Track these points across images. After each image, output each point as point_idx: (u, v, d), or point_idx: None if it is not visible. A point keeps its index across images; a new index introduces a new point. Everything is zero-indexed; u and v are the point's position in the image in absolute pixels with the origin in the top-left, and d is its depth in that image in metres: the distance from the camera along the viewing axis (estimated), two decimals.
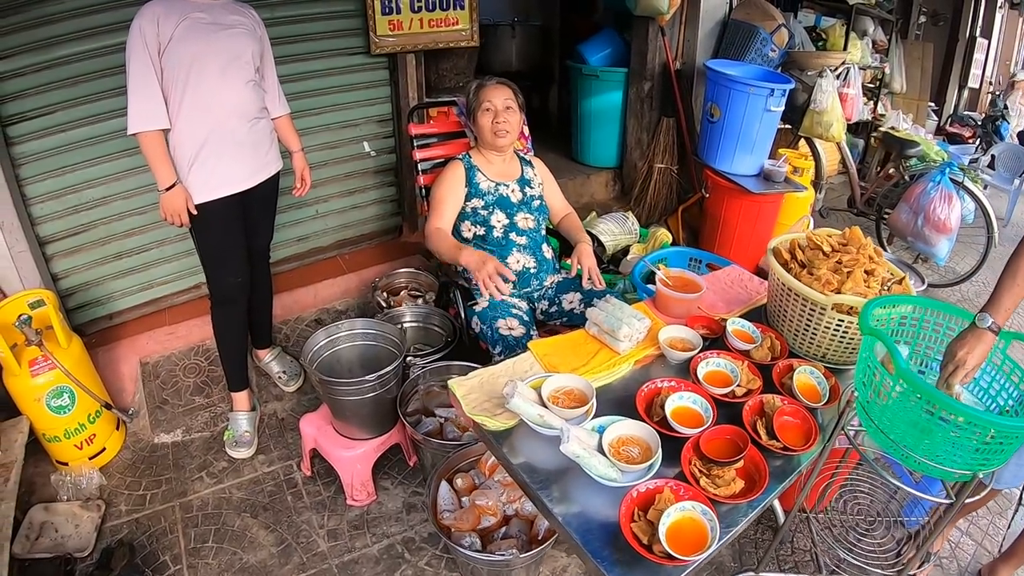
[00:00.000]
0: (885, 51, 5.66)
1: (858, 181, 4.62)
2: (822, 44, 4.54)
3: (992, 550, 2.39)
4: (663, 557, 1.22)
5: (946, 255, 3.87)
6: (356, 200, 3.37)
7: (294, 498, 2.26)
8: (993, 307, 1.53)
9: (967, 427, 1.29)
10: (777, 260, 1.99)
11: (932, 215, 3.73)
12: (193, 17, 1.92)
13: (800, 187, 3.53)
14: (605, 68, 4.20)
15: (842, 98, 4.11)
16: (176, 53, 1.90)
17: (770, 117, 3.40)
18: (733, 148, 3.48)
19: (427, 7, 2.91)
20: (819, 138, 4.07)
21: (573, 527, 1.30)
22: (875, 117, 5.31)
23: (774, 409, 1.62)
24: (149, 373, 2.62)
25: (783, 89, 3.31)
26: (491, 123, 2.33)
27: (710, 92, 3.50)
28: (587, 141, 4.50)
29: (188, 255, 2.85)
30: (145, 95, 1.91)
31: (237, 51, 2.04)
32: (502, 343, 2.17)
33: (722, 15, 3.94)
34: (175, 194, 2.03)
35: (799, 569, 2.15)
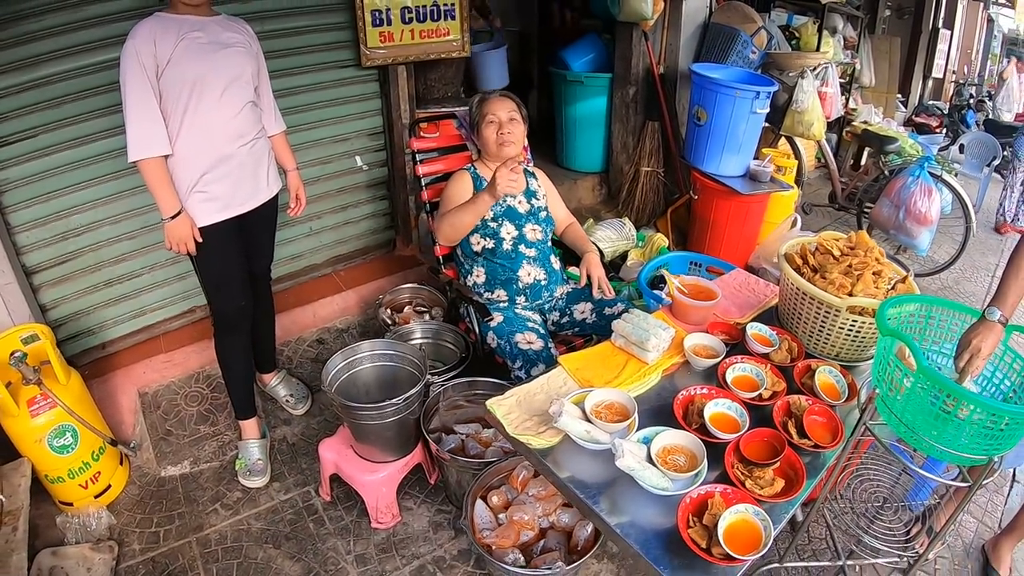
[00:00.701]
0: (855, 47, 5.82)
1: (839, 177, 4.73)
2: (795, 43, 4.65)
3: (992, 526, 2.50)
4: (721, 558, 1.28)
5: (928, 246, 4.00)
6: (349, 215, 3.34)
7: (316, 525, 2.23)
8: (1000, 301, 1.62)
9: (984, 416, 1.35)
10: (790, 265, 2.04)
11: (913, 208, 3.85)
12: (191, 37, 1.87)
13: (786, 186, 3.62)
14: (589, 74, 4.23)
15: (821, 97, 4.22)
16: (176, 75, 1.85)
17: (755, 119, 3.47)
18: (720, 150, 3.54)
19: (418, 18, 2.89)
20: (800, 137, 4.18)
21: (632, 537, 1.34)
22: (847, 112, 5.46)
23: (802, 410, 1.69)
24: (149, 404, 2.55)
25: (768, 91, 3.39)
26: (496, 135, 2.33)
27: (696, 96, 3.56)
28: (573, 146, 4.53)
29: (180, 279, 2.79)
30: (145, 120, 1.85)
31: (236, 71, 2.00)
32: (522, 357, 2.18)
33: (703, 19, 4.00)
34: (181, 222, 1.98)
35: (817, 556, 2.22)
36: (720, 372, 1.80)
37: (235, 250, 2.17)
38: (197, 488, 2.36)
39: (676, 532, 1.34)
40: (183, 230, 1.99)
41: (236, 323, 2.27)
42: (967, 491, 1.58)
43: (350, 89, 3.03)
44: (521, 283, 2.38)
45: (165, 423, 2.53)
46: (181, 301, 2.85)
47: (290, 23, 2.71)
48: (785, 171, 3.84)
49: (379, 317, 2.78)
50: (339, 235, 3.33)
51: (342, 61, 2.93)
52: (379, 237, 3.52)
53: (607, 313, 2.38)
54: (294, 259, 3.19)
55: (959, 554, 2.37)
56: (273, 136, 2.27)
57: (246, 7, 2.44)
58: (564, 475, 1.49)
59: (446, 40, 3.04)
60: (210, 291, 2.22)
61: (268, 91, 2.23)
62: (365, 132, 3.20)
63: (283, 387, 2.69)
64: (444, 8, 2.96)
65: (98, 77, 2.34)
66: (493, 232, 2.34)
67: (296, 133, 2.84)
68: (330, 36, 2.85)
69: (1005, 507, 2.62)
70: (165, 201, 1.94)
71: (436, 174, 2.63)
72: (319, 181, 3.08)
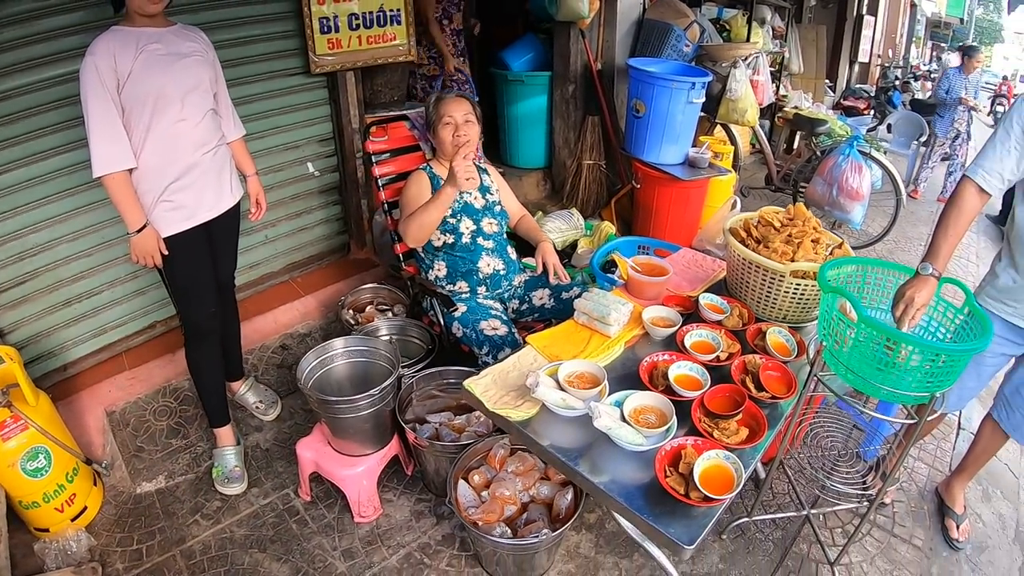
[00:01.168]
0: (783, 36, 6.11)
1: (773, 160, 4.96)
2: (727, 35, 4.87)
3: (943, 470, 2.70)
4: (700, 500, 1.39)
5: (861, 220, 4.25)
6: (303, 222, 3.36)
7: (299, 525, 2.25)
8: (932, 257, 1.81)
9: (923, 356, 1.50)
10: (735, 238, 2.19)
11: (845, 185, 4.09)
12: (149, 49, 1.88)
13: (724, 171, 3.81)
14: (529, 73, 4.34)
15: (753, 85, 4.43)
16: (137, 88, 1.86)
17: (692, 109, 3.65)
18: (659, 140, 3.70)
19: (365, 24, 2.94)
20: (735, 124, 4.38)
21: (615, 492, 1.44)
22: (779, 98, 5.73)
23: (757, 367, 1.83)
24: (117, 422, 2.52)
25: (703, 82, 3.57)
26: (452, 136, 2.41)
27: (634, 89, 3.71)
28: (516, 144, 4.63)
29: (140, 295, 2.77)
30: (109, 135, 1.85)
31: (196, 81, 2.02)
32: (489, 343, 2.26)
33: (637, 15, 4.16)
34: (147, 235, 1.99)
35: (782, 509, 2.37)
36: (679, 339, 1.93)
37: (203, 257, 2.19)
38: (175, 501, 2.35)
39: (655, 483, 1.44)
40: (149, 243, 2.00)
41: (207, 331, 2.27)
42: (914, 428, 1.73)
43: (300, 96, 3.06)
44: (481, 274, 2.46)
45: (136, 440, 2.50)
46: (142, 317, 2.82)
47: (239, 33, 2.73)
48: (722, 157, 4.03)
49: (342, 318, 2.82)
50: (294, 242, 3.35)
51: (291, 69, 2.95)
52: (333, 242, 3.55)
53: (564, 297, 2.50)
54: (252, 268, 3.19)
55: (914, 497, 2.56)
56: (232, 142, 2.29)
57: (195, 18, 2.44)
58: (545, 443, 1.57)
59: (393, 45, 3.09)
60: (180, 300, 2.22)
61: (226, 97, 2.25)
62: (316, 139, 3.23)
63: (252, 394, 2.70)
64: (391, 14, 3.01)
65: (51, 92, 2.31)
66: (452, 228, 2.42)
67: (249, 142, 2.82)
68: (279, 44, 2.87)
69: (953, 452, 2.85)
70: (130, 215, 1.95)
71: (392, 174, 2.69)
72: (273, 189, 3.09)
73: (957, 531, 2.40)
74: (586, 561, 2.14)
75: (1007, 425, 2.21)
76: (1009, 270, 1.99)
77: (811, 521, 2.23)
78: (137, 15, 1.89)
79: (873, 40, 9.43)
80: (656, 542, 1.88)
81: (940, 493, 2.54)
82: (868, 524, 2.39)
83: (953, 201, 1.88)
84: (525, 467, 2.04)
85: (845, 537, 2.28)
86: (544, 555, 1.97)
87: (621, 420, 1.55)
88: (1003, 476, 2.85)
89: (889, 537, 2.37)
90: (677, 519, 1.38)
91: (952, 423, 3.01)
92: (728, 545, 2.25)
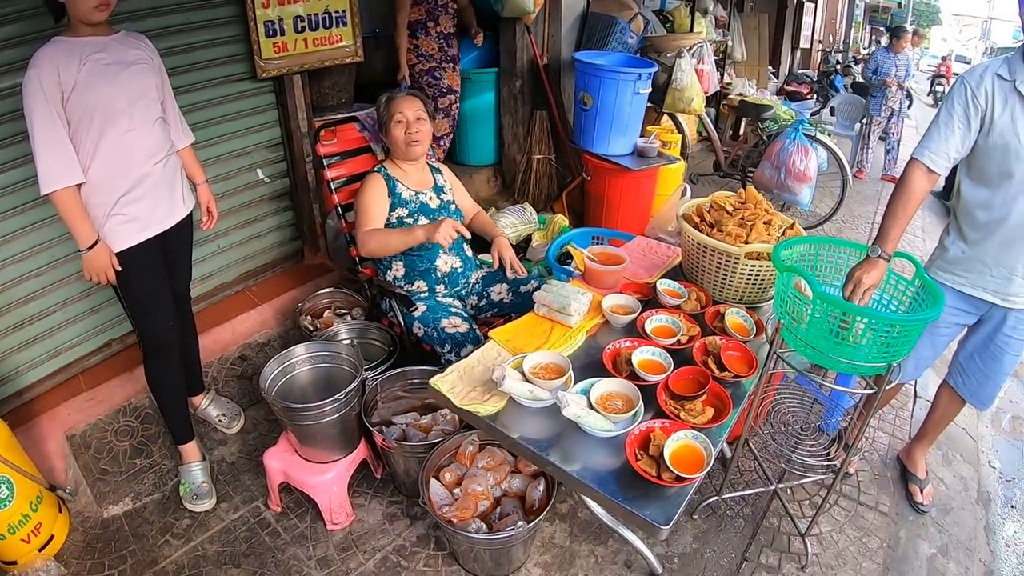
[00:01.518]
0: (726, 25, 6.23)
1: (721, 146, 5.06)
2: (670, 26, 4.94)
3: (903, 437, 2.81)
4: (672, 480, 1.42)
5: (809, 201, 4.38)
6: (256, 230, 3.29)
7: (272, 537, 2.21)
8: (881, 240, 1.89)
9: (878, 327, 1.57)
10: (688, 224, 2.23)
11: (792, 167, 4.20)
12: (94, 59, 1.82)
13: (673, 159, 3.88)
14: (476, 70, 4.32)
15: (698, 74, 4.51)
16: (82, 100, 1.81)
17: (638, 99, 3.70)
18: (608, 132, 3.75)
19: (310, 26, 2.89)
20: (682, 113, 4.46)
21: (588, 479, 1.46)
22: (723, 86, 5.85)
23: (718, 348, 1.87)
24: (78, 445, 2.43)
25: (648, 73, 3.63)
26: (404, 134, 2.39)
27: (580, 82, 3.74)
28: (465, 141, 4.59)
29: (94, 313, 2.68)
30: (55, 151, 1.79)
31: (142, 89, 1.97)
32: (450, 341, 2.26)
33: (581, 9, 4.20)
34: (99, 252, 1.93)
35: (750, 486, 2.43)
36: (639, 325, 1.96)
37: (159, 270, 2.14)
38: (143, 523, 2.28)
39: (627, 468, 1.47)
40: (101, 260, 1.94)
41: (167, 345, 2.22)
42: (874, 398, 1.80)
43: (247, 102, 2.99)
44: (439, 272, 2.46)
45: (99, 463, 2.42)
46: (96, 336, 2.73)
47: (184, 39, 2.65)
48: (670, 145, 4.10)
49: (300, 325, 2.78)
50: (247, 250, 3.28)
51: (237, 74, 2.89)
52: (286, 248, 3.49)
53: (522, 291, 2.51)
54: (205, 279, 3.12)
55: (877, 466, 2.66)
56: (182, 150, 2.24)
57: (140, 26, 2.36)
58: (515, 435, 1.59)
59: (340, 47, 3.05)
60: (137, 315, 2.16)
61: (173, 104, 2.19)
62: (264, 144, 3.16)
63: (214, 408, 2.64)
64: (336, 15, 2.97)
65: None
66: (409, 228, 2.40)
67: (198, 150, 2.73)
68: (224, 50, 2.80)
69: (912, 419, 2.96)
70: (81, 232, 1.89)
71: (343, 177, 2.65)
72: (223, 198, 3.02)
73: (921, 495, 2.50)
74: (562, 551, 2.16)
75: (963, 391, 2.29)
76: (958, 243, 2.06)
77: (779, 495, 2.30)
78: (81, 24, 1.82)
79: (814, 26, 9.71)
80: (631, 525, 1.93)
81: (902, 460, 2.64)
82: (835, 494, 2.47)
83: (902, 183, 1.94)
84: (495, 461, 2.04)
85: (813, 508, 2.36)
86: (520, 548, 1.98)
87: (589, 408, 1.57)
88: (962, 440, 2.97)
89: (856, 505, 2.45)
90: (651, 501, 1.41)
91: (909, 392, 3.13)
92: (700, 524, 2.30)
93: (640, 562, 2.11)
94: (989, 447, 3.05)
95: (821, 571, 2.17)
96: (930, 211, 6.16)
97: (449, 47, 3.89)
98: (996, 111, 1.82)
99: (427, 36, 3.80)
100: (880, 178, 6.59)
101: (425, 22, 3.76)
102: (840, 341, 1.62)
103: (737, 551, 2.22)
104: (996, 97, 1.81)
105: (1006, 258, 1.96)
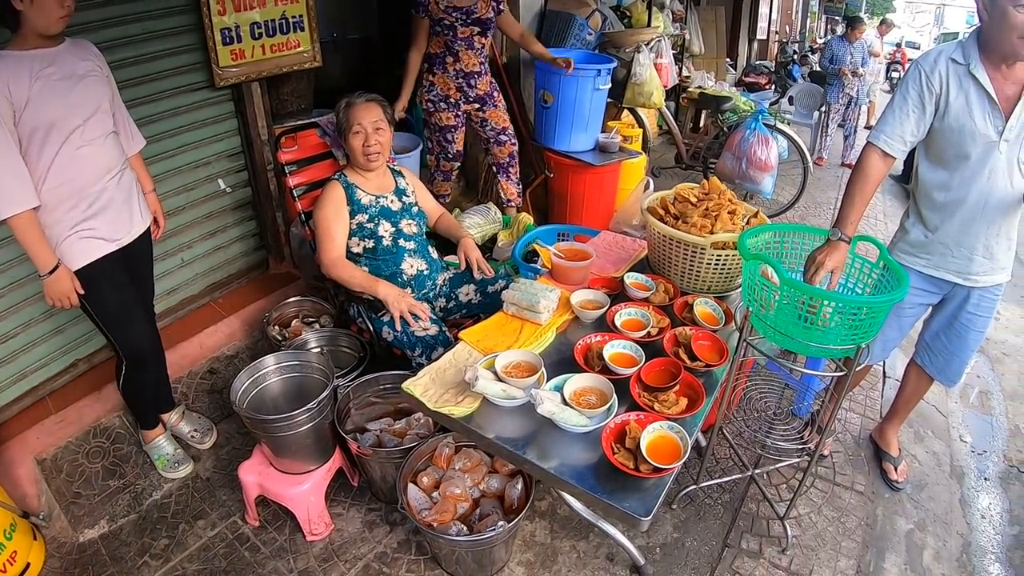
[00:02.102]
0: (683, 19, 6.30)
1: (682, 139, 5.12)
2: (628, 21, 4.98)
3: (875, 417, 2.87)
4: (650, 472, 1.43)
5: (771, 189, 4.45)
6: (219, 241, 3.23)
7: (251, 552, 2.17)
8: (841, 223, 1.94)
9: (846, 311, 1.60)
10: (654, 216, 2.25)
11: (753, 157, 4.27)
12: (44, 75, 1.77)
13: (634, 153, 3.92)
14: None
15: (657, 68, 4.55)
16: (33, 118, 1.76)
17: (599, 95, 3.73)
18: (569, 128, 3.77)
19: (267, 32, 2.84)
20: (642, 107, 4.49)
21: (566, 475, 1.46)
22: (682, 79, 5.90)
23: (688, 338, 1.89)
24: (50, 469, 2.36)
25: (608, 68, 3.65)
26: (362, 146, 2.36)
27: (540, 80, 3.75)
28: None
29: (58, 333, 2.60)
30: (10, 172, 1.74)
31: (95, 103, 1.93)
32: (421, 344, 2.25)
33: (539, 7, 4.20)
34: (59, 276, 1.89)
35: (727, 473, 2.45)
36: (609, 319, 1.97)
37: (126, 282, 2.12)
38: (121, 545, 2.23)
39: (604, 461, 1.48)
40: (63, 284, 1.91)
41: (147, 355, 2.24)
42: (844, 380, 1.83)
43: (206, 111, 2.93)
44: (406, 275, 2.44)
45: (72, 486, 2.36)
46: (62, 356, 2.65)
47: (140, 50, 2.58)
48: (632, 140, 4.14)
49: (269, 335, 2.74)
50: (211, 262, 3.22)
51: (195, 84, 2.82)
52: (251, 259, 3.43)
53: (490, 291, 2.51)
54: (170, 293, 3.05)
55: (851, 447, 2.71)
56: (132, 156, 2.20)
57: (94, 37, 2.28)
58: (491, 435, 1.58)
59: (297, 52, 3.01)
60: (114, 330, 2.13)
61: (121, 106, 2.16)
62: (225, 154, 3.11)
63: (186, 424, 2.60)
64: (293, 20, 2.92)
65: None
66: (371, 232, 2.38)
67: (157, 163, 2.72)
68: (181, 59, 2.74)
69: (882, 400, 3.03)
70: (40, 257, 1.85)
71: (306, 184, 2.62)
72: (185, 210, 2.96)
73: (895, 473, 2.56)
74: (544, 548, 2.16)
75: (931, 369, 2.35)
76: (919, 225, 2.12)
77: (756, 480, 2.33)
78: (32, 36, 1.78)
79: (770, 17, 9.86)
80: (611, 519, 1.94)
81: (875, 439, 2.69)
82: (811, 476, 2.51)
83: (859, 167, 1.99)
84: (472, 463, 2.03)
85: (791, 492, 2.39)
86: (502, 548, 1.98)
87: (563, 404, 1.58)
88: (932, 417, 3.05)
89: (832, 486, 2.50)
90: (630, 493, 1.42)
91: (878, 373, 3.20)
92: (679, 514, 2.32)
93: (622, 555, 2.13)
94: (959, 422, 3.13)
95: (802, 552, 2.21)
96: (890, 195, 6.31)
97: (471, 88, 3.37)
98: (951, 94, 1.87)
99: (444, 74, 3.33)
100: (840, 164, 6.73)
101: (443, 56, 3.30)
102: (809, 326, 1.65)
103: (718, 538, 2.25)
104: (950, 81, 1.87)
105: (966, 238, 2.01)
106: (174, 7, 2.64)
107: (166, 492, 2.42)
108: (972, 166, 1.90)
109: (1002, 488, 2.72)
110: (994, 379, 3.53)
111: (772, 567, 2.16)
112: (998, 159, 1.87)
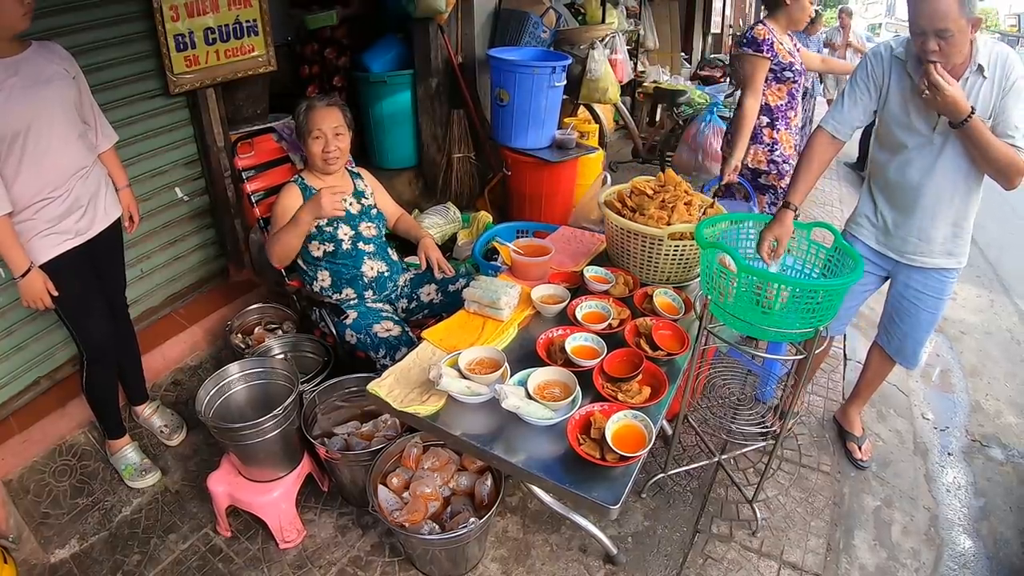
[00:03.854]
0: (637, 15, 6.37)
1: (638, 133, 5.18)
2: (582, 18, 5.02)
3: (837, 399, 2.95)
4: (616, 461, 1.46)
5: None
6: (178, 250, 3.18)
7: (225, 563, 2.15)
8: (789, 194, 2.02)
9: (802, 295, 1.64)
10: (611, 209, 2.29)
11: (709, 149, 4.34)
12: (8, 85, 1.78)
13: (591, 149, 3.98)
14: (391, 72, 4.23)
15: (612, 64, 4.60)
16: (1, 127, 1.77)
17: (554, 92, 3.77)
18: (525, 126, 3.80)
19: (222, 38, 2.80)
20: (598, 103, 4.54)
21: (534, 468, 1.48)
22: (638, 74, 5.98)
23: (649, 328, 1.92)
24: (16, 490, 2.30)
25: (563, 66, 3.69)
26: (321, 151, 2.37)
27: (496, 79, 3.77)
28: (383, 145, 4.50)
29: (19, 351, 2.53)
30: None
31: (63, 106, 1.94)
32: (384, 345, 2.26)
33: (494, 6, 4.22)
34: (33, 278, 1.92)
35: (694, 460, 2.50)
36: (570, 313, 2.01)
37: (89, 277, 2.14)
38: (93, 564, 2.19)
39: (571, 453, 1.50)
40: (36, 285, 1.93)
41: (106, 350, 2.24)
42: (805, 362, 1.89)
43: (161, 119, 2.87)
44: (366, 278, 2.45)
45: (39, 506, 2.30)
46: (24, 374, 2.58)
47: (93, 58, 2.51)
48: (588, 136, 4.19)
49: (232, 344, 2.72)
50: (171, 272, 3.17)
51: (150, 91, 2.77)
52: (211, 267, 3.39)
53: (451, 290, 2.53)
54: (131, 305, 2.96)
55: (815, 428, 2.78)
56: (104, 153, 2.21)
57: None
58: (457, 432, 1.60)
59: (252, 56, 2.98)
60: (76, 324, 2.13)
61: (93, 105, 2.16)
62: (182, 162, 3.06)
63: (158, 418, 2.61)
64: (247, 25, 2.89)
65: None
66: (331, 236, 2.39)
67: None
68: (135, 67, 2.68)
69: (844, 382, 3.11)
70: (14, 260, 1.88)
71: (263, 189, 2.61)
72: (143, 220, 2.86)
73: (860, 452, 2.63)
74: (517, 543, 2.18)
75: (889, 349, 2.44)
76: (867, 202, 2.25)
77: (723, 466, 2.39)
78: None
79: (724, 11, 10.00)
80: (582, 510, 1.97)
81: (838, 420, 2.77)
82: (777, 459, 2.58)
83: (807, 146, 2.13)
84: (441, 461, 2.05)
85: (758, 475, 2.45)
86: (475, 545, 1.99)
87: (527, 398, 1.60)
88: (894, 396, 3.14)
89: (799, 468, 2.56)
90: (598, 483, 1.44)
91: (839, 356, 3.29)
92: (649, 503, 2.36)
93: (595, 546, 2.16)
94: (921, 400, 3.21)
95: (772, 534, 2.27)
96: (846, 181, 6.47)
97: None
98: (892, 86, 1.98)
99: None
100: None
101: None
102: (767, 311, 1.69)
103: (688, 524, 2.29)
104: (892, 74, 1.97)
105: (902, 219, 2.13)
106: (125, 15, 2.60)
107: (136, 507, 2.38)
108: (910, 155, 2.01)
109: (966, 462, 2.81)
110: (954, 357, 3.64)
111: (743, 549, 2.21)
112: (932, 152, 1.97)
